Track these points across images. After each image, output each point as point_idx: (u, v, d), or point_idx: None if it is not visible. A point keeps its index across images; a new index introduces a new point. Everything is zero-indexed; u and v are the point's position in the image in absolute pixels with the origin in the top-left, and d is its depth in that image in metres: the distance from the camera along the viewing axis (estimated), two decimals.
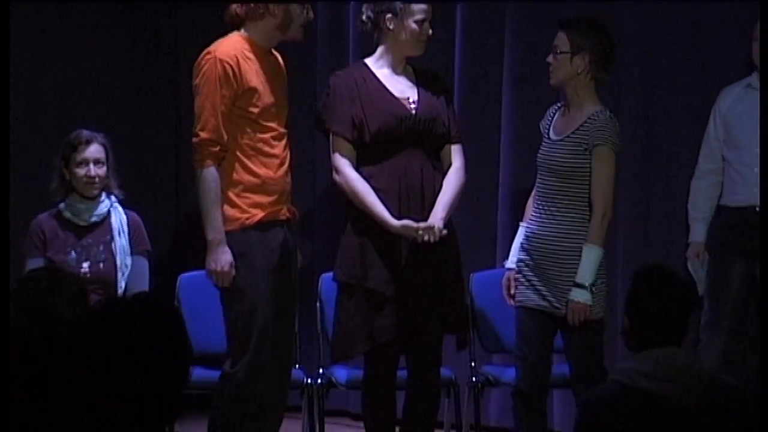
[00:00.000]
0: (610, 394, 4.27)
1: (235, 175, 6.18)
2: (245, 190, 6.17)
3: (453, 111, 6.47)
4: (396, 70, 6.37)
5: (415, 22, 6.30)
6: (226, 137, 6.13)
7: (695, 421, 4.14)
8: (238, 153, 6.18)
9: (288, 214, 6.28)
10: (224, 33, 6.27)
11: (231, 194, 6.17)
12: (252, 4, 6.16)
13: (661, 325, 4.29)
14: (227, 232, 6.16)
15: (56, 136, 6.96)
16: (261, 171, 6.19)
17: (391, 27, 6.31)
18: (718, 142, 7.00)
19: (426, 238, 6.15)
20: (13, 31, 8.51)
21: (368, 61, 6.40)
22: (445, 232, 6.20)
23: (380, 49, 6.38)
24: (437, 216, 6.20)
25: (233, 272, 6.13)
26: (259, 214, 6.17)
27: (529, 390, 6.37)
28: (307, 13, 6.27)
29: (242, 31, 6.23)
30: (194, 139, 6.16)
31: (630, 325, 4.34)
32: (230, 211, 6.17)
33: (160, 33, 9.17)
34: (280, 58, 6.40)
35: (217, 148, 6.13)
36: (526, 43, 7.75)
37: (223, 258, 6.12)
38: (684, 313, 4.36)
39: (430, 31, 6.33)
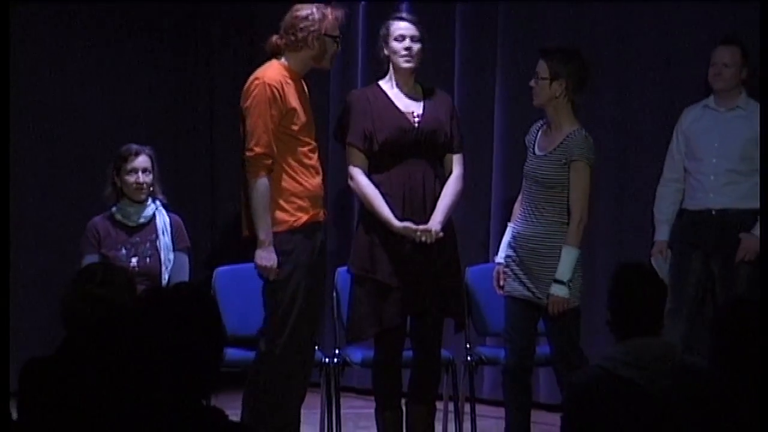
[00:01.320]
0: (593, 379, 4.26)
1: (283, 183, 6.16)
2: (292, 196, 6.16)
3: (456, 125, 6.41)
4: (403, 89, 6.34)
5: (395, 39, 6.29)
6: (276, 150, 6.15)
7: (665, 405, 4.13)
8: (284, 165, 6.16)
9: (324, 216, 6.31)
10: (251, 61, 6.26)
11: (280, 200, 6.16)
12: (293, 37, 6.18)
13: (639, 317, 4.30)
14: (278, 233, 6.15)
15: (109, 149, 6.98)
16: (303, 179, 6.18)
17: (386, 52, 6.33)
18: (680, 155, 6.99)
19: (423, 239, 6.18)
20: (77, 62, 8.64)
21: (381, 82, 6.38)
22: (441, 234, 6.21)
23: (389, 72, 6.40)
24: (435, 219, 6.21)
25: (277, 268, 6.13)
26: (304, 217, 6.17)
27: (516, 368, 6.37)
28: (337, 47, 6.27)
29: (282, 59, 6.23)
30: (249, 154, 6.11)
31: (612, 317, 4.35)
32: (280, 215, 6.16)
33: (199, 62, 9.22)
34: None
35: (270, 161, 6.11)
36: (514, 69, 7.77)
37: (271, 256, 6.11)
38: (657, 307, 4.37)
39: (415, 47, 6.26)
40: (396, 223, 6.17)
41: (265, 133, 6.10)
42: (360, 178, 6.28)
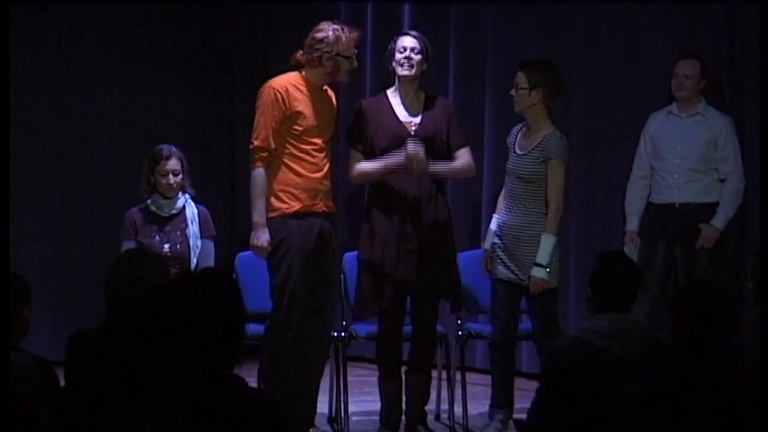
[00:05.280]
0: (569, 346, 4.35)
1: (281, 175, 6.19)
2: (288, 187, 6.19)
3: (456, 124, 6.34)
4: (406, 99, 6.32)
5: (398, 51, 6.25)
6: (274, 146, 6.16)
7: (631, 370, 4.19)
8: (285, 159, 6.19)
9: (324, 208, 6.27)
10: (266, 70, 6.27)
11: (277, 190, 6.19)
12: (310, 56, 6.21)
13: (615, 295, 4.38)
14: (272, 218, 6.18)
15: (144, 147, 7.00)
16: (302, 173, 6.19)
17: (393, 64, 6.32)
18: (647, 155, 6.99)
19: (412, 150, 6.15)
20: (117, 70, 8.70)
21: (388, 91, 6.39)
22: (429, 166, 6.16)
23: (396, 83, 6.36)
24: (432, 166, 6.21)
25: (269, 248, 6.16)
26: (296, 206, 6.18)
27: (501, 341, 6.42)
28: (352, 64, 6.28)
29: (303, 72, 6.27)
30: (250, 146, 6.22)
31: (592, 294, 4.41)
32: (275, 202, 6.19)
33: (222, 71, 9.26)
34: (331, 94, 6.40)
35: (266, 154, 6.18)
36: (501, 80, 7.77)
37: (262, 237, 6.16)
38: (632, 288, 4.45)
39: (415, 57, 6.23)
40: (400, 159, 6.16)
41: (264, 129, 6.16)
42: (355, 165, 6.29)
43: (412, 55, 6.25)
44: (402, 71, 6.28)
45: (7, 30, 4.84)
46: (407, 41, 6.28)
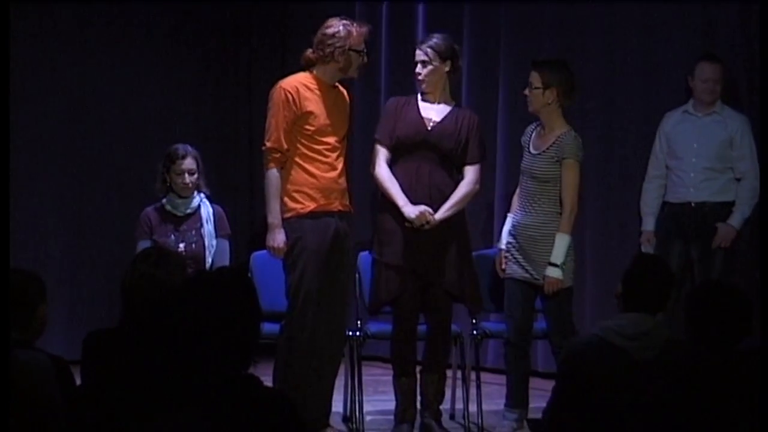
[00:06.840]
0: (588, 344, 4.37)
1: (295, 175, 6.21)
2: (302, 187, 6.21)
3: (475, 139, 6.39)
4: (431, 101, 6.39)
5: (414, 66, 6.40)
6: (286, 146, 6.18)
7: (647, 371, 4.20)
8: (298, 159, 6.21)
9: (340, 207, 6.30)
10: (283, 69, 6.29)
11: (291, 190, 6.21)
12: (321, 52, 6.24)
13: (646, 297, 4.41)
14: (287, 219, 6.20)
15: (162, 147, 7.03)
16: (316, 172, 6.21)
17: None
18: (662, 155, 7.01)
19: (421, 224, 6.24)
20: (135, 72, 8.75)
21: (420, 93, 6.46)
22: (435, 220, 6.24)
23: None
24: (439, 212, 6.27)
25: (285, 248, 6.19)
26: (311, 206, 6.20)
27: (516, 341, 6.43)
28: (363, 59, 6.32)
29: (313, 70, 6.29)
30: (262, 148, 6.25)
31: (623, 291, 4.44)
32: (290, 203, 6.21)
33: (239, 71, 9.30)
34: (344, 92, 6.43)
35: (278, 155, 6.20)
36: (514, 80, 7.79)
37: (278, 237, 6.19)
38: (665, 294, 4.47)
39: (424, 69, 6.31)
40: (410, 210, 6.23)
41: (275, 131, 6.18)
42: (380, 171, 6.34)
43: (421, 69, 6.33)
44: (419, 87, 6.39)
45: (7, 29, 4.86)
46: (416, 55, 6.37)
